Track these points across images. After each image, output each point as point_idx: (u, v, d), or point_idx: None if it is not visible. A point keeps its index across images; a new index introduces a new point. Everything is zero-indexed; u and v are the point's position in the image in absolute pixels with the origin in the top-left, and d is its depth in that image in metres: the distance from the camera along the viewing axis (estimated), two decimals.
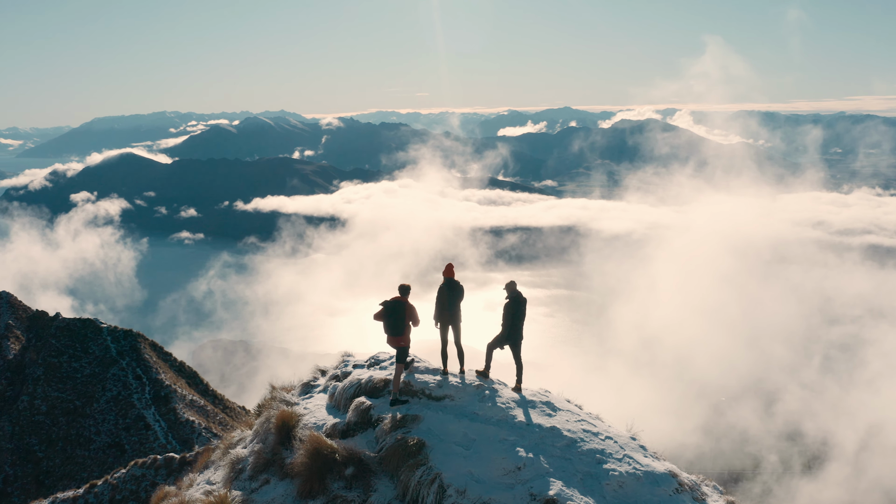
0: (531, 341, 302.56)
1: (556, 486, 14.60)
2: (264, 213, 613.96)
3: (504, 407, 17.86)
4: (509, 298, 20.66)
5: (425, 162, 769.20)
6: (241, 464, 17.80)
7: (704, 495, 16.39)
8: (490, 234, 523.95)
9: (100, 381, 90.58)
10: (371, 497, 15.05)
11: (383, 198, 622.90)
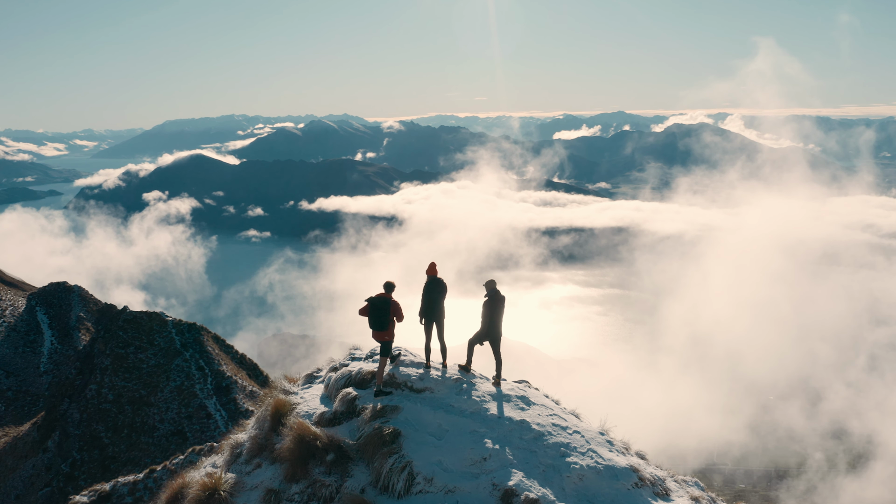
0: (585, 339, 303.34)
1: (516, 476, 14.83)
2: (328, 212, 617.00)
3: (479, 400, 18.02)
4: (488, 296, 20.81)
5: (483, 164, 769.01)
6: (239, 448, 18.26)
7: (668, 490, 16.45)
8: (545, 234, 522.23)
9: (164, 372, 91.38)
10: (347, 482, 15.34)
11: (442, 198, 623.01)
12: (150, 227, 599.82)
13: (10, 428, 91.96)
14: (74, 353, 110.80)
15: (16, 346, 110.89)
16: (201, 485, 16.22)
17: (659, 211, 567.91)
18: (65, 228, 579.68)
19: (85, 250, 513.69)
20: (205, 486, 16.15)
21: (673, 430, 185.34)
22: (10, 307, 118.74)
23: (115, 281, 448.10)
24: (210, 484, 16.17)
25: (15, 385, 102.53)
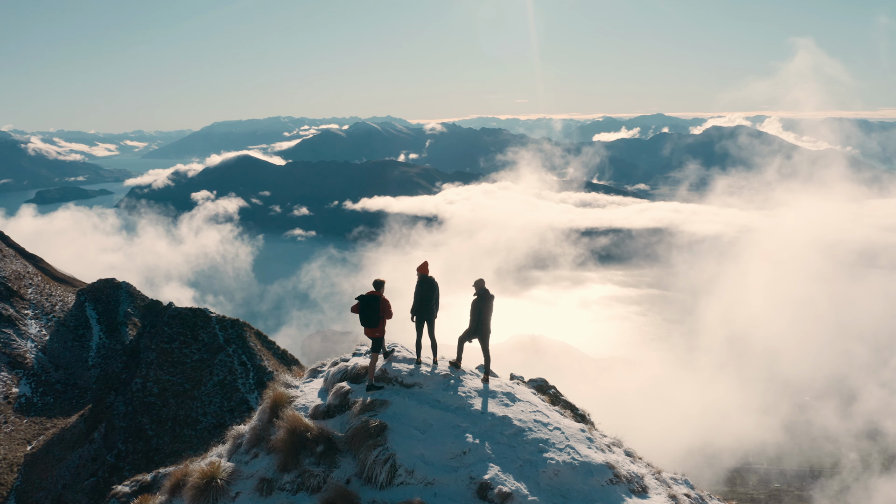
0: (622, 338, 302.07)
1: (493, 470, 15.06)
2: (371, 212, 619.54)
3: (464, 396, 18.19)
4: (477, 295, 20.61)
5: (523, 165, 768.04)
6: (240, 439, 18.64)
7: (645, 487, 16.57)
8: (585, 235, 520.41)
9: (207, 367, 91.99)
10: (334, 472, 15.73)
11: (482, 199, 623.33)
12: (199, 225, 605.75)
13: (59, 419, 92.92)
14: (121, 348, 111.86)
15: (65, 340, 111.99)
16: (201, 473, 16.65)
17: (697, 212, 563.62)
18: (116, 227, 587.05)
19: (135, 248, 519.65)
20: (204, 473, 16.60)
21: (708, 429, 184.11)
22: (59, 303, 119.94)
23: (165, 278, 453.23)
24: (209, 472, 16.61)
25: (64, 378, 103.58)
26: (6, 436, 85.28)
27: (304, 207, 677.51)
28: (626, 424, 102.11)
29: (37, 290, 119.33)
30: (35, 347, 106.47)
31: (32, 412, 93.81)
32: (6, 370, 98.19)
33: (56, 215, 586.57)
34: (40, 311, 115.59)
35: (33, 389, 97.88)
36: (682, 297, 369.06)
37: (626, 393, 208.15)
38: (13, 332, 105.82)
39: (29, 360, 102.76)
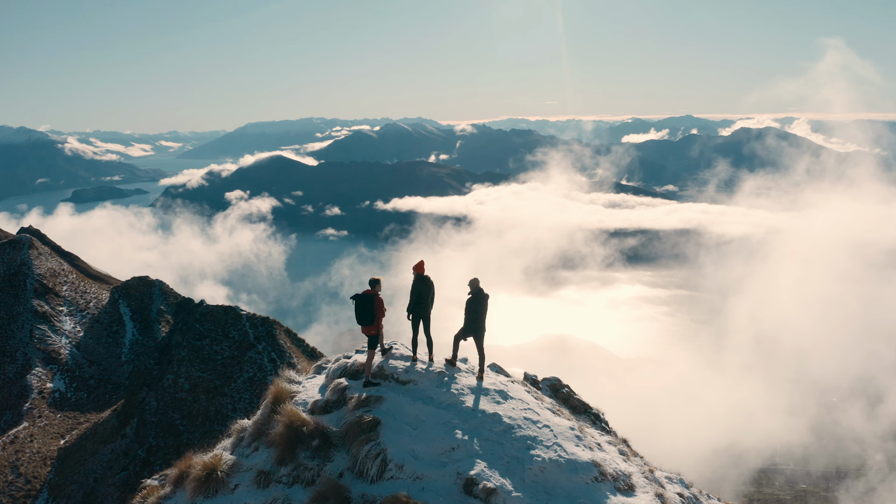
0: (650, 338, 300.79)
1: (479, 466, 15.24)
2: (402, 212, 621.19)
3: (456, 393, 18.29)
4: (471, 294, 20.75)
5: (552, 166, 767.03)
6: (243, 433, 19.10)
7: (632, 486, 16.57)
8: (614, 235, 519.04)
9: (238, 364, 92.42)
10: (327, 466, 16.02)
11: (512, 199, 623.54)
12: (233, 225, 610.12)
13: (92, 414, 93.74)
14: (154, 344, 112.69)
15: (99, 336, 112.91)
16: (203, 464, 17.04)
17: (726, 213, 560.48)
18: (152, 226, 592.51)
19: (170, 247, 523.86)
20: (205, 465, 16.99)
21: (735, 429, 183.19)
22: (94, 300, 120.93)
23: (199, 276, 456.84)
24: (210, 464, 17.00)
25: (97, 374, 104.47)
26: (40, 430, 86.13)
27: (336, 207, 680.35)
28: (653, 423, 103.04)
29: (72, 288, 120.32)
30: (69, 343, 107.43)
31: (66, 407, 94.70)
32: (41, 366, 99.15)
33: (93, 214, 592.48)
34: (75, 307, 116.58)
35: (67, 385, 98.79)
36: (711, 297, 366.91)
37: (653, 392, 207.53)
38: (48, 328, 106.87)
39: (63, 356, 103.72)
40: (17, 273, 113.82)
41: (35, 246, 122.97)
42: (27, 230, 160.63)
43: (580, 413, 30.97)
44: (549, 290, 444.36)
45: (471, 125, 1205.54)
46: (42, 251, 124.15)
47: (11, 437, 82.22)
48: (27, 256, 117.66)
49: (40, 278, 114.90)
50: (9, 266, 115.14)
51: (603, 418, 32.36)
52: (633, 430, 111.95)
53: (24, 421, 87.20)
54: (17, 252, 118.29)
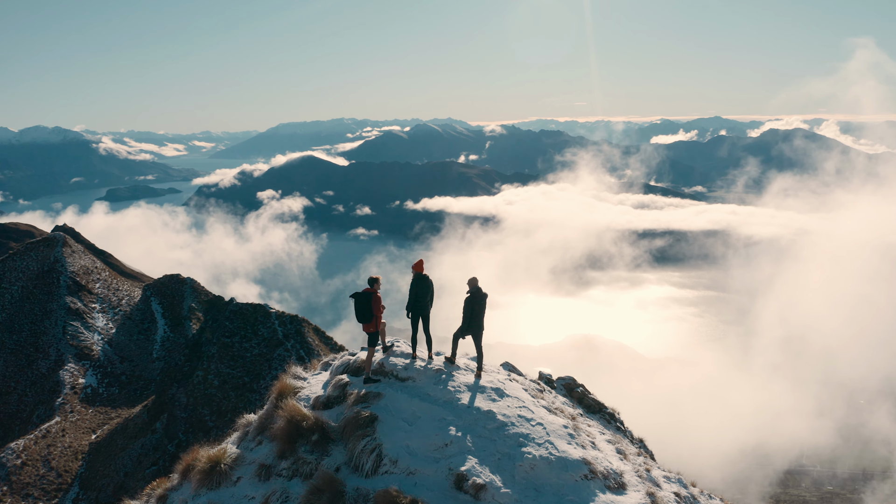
0: (678, 339, 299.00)
1: (470, 462, 15.40)
2: (432, 212, 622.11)
3: (453, 390, 18.45)
4: (469, 293, 20.70)
5: (581, 167, 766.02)
6: (248, 427, 19.24)
7: (623, 484, 16.63)
8: (642, 236, 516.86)
9: (266, 361, 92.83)
10: (325, 460, 16.19)
11: (541, 200, 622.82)
12: (265, 224, 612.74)
13: (123, 410, 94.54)
14: (185, 341, 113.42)
15: (131, 333, 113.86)
16: (208, 457, 17.43)
17: (754, 214, 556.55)
18: (186, 224, 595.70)
19: (203, 245, 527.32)
20: (210, 458, 17.36)
21: (762, 429, 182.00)
22: (126, 297, 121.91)
23: (232, 275, 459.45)
24: (214, 457, 17.37)
25: (129, 370, 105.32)
26: (72, 424, 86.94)
27: (367, 207, 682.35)
28: (679, 423, 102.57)
29: (104, 285, 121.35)
30: (101, 340, 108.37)
31: (98, 402, 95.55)
32: (73, 362, 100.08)
33: (127, 213, 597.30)
34: (107, 304, 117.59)
35: (99, 380, 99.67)
36: (739, 298, 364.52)
37: (680, 392, 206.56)
38: (81, 324, 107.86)
39: (95, 353, 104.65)
40: (50, 270, 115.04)
41: (68, 244, 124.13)
42: (61, 228, 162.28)
43: (595, 412, 30.85)
44: (578, 290, 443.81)
45: (500, 126, 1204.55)
46: (75, 249, 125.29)
47: (44, 431, 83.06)
48: (60, 254, 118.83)
49: (73, 276, 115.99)
50: (42, 263, 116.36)
51: (618, 418, 32.19)
52: (659, 430, 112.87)
53: (57, 416, 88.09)
54: (50, 250, 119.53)
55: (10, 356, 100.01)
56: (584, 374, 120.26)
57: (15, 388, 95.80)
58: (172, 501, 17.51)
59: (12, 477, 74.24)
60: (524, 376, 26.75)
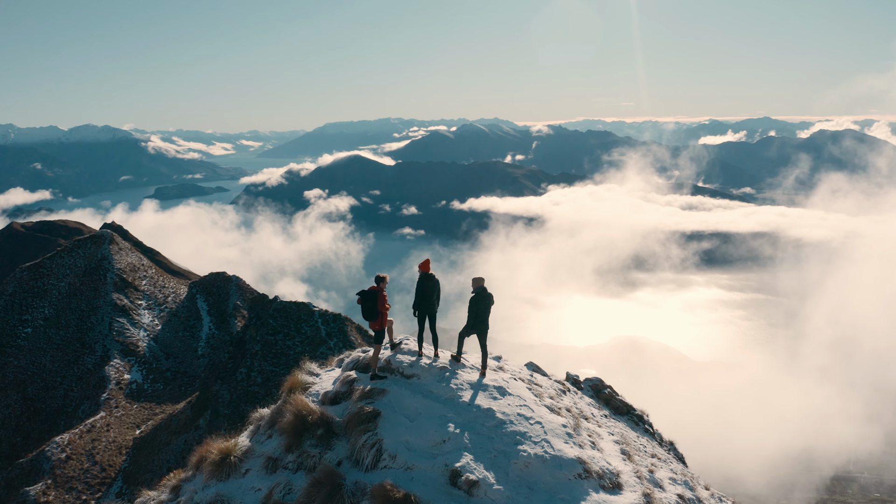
0: (725, 342, 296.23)
1: (465, 459, 15.59)
2: (478, 212, 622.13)
3: (455, 388, 18.62)
4: (474, 293, 20.84)
5: (628, 168, 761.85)
6: (261, 421, 19.76)
7: (619, 484, 16.63)
8: (690, 238, 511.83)
9: (309, 359, 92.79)
10: (327, 454, 16.55)
11: (588, 200, 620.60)
12: (312, 223, 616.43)
13: (167, 406, 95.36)
14: (229, 339, 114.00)
15: (176, 330, 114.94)
16: (219, 449, 17.93)
17: (804, 216, 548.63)
18: (234, 223, 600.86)
19: (251, 244, 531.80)
20: (221, 450, 17.90)
21: (808, 434, 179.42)
22: (172, 294, 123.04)
23: (279, 274, 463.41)
24: (225, 449, 17.92)
25: (173, 366, 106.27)
26: (117, 420, 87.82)
27: (413, 207, 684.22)
28: (723, 425, 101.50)
29: (150, 282, 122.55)
30: (147, 336, 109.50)
31: (142, 398, 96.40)
32: (119, 357, 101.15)
33: (177, 211, 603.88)
34: (153, 301, 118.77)
35: (144, 376, 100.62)
36: (788, 301, 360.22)
37: (726, 395, 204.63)
38: (127, 321, 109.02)
39: (141, 349, 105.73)
40: (97, 267, 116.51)
41: (115, 241, 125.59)
42: (109, 226, 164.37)
43: (622, 414, 30.60)
44: (625, 291, 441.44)
45: (547, 126, 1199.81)
46: (122, 246, 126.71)
47: (89, 426, 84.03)
48: (108, 251, 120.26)
49: (120, 273, 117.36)
50: (90, 260, 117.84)
51: (647, 420, 31.88)
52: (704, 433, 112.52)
53: (102, 411, 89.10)
54: (98, 247, 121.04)
55: (57, 352, 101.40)
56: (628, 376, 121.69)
57: (61, 382, 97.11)
58: (185, 492, 17.94)
59: (57, 470, 75.19)
60: (548, 376, 26.73)
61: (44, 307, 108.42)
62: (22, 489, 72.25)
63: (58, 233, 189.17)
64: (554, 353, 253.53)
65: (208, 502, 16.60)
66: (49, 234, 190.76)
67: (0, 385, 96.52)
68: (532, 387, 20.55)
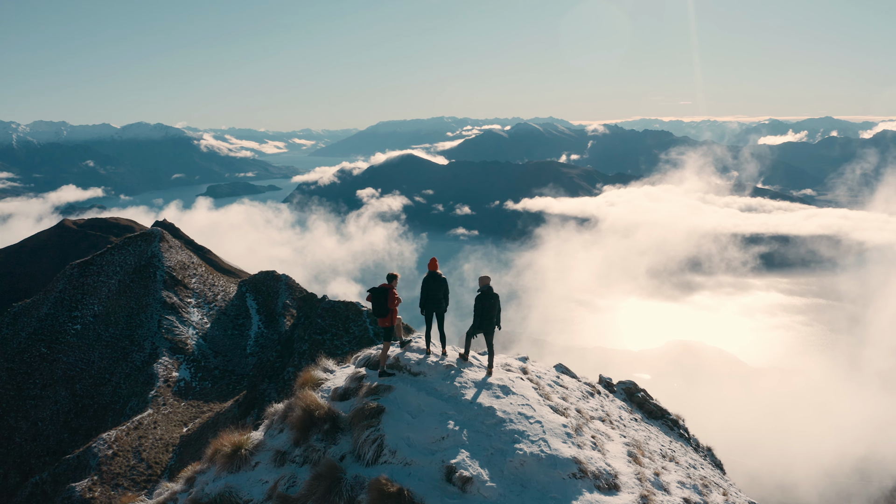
0: (784, 347, 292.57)
1: (461, 456, 15.98)
2: (532, 212, 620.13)
3: (458, 386, 19.03)
4: (480, 291, 21.30)
5: (686, 168, 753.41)
6: (275, 416, 20.54)
7: (616, 485, 16.75)
8: (749, 240, 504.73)
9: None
10: (331, 449, 17.12)
11: (644, 201, 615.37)
12: (366, 223, 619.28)
13: (215, 404, 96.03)
14: (277, 338, 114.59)
15: (225, 328, 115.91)
16: (231, 442, 18.80)
17: (867, 219, 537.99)
18: (288, 222, 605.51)
19: (305, 243, 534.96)
20: (233, 443, 18.77)
21: (868, 442, 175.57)
22: (221, 292, 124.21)
23: (332, 273, 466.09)
24: (237, 442, 18.76)
25: (222, 365, 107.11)
26: (164, 417, 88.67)
27: (467, 206, 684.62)
28: (778, 432, 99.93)
29: (200, 280, 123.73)
30: (196, 334, 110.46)
31: (190, 396, 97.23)
32: (168, 355, 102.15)
33: (230, 209, 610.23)
34: (202, 299, 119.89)
35: (192, 374, 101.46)
36: (850, 306, 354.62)
37: (782, 401, 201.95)
38: (176, 318, 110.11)
39: (190, 347, 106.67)
40: (147, 265, 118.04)
41: (166, 239, 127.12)
42: (161, 224, 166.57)
43: (656, 418, 30.49)
44: (681, 294, 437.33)
45: (603, 125, 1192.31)
46: (172, 244, 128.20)
47: (136, 423, 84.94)
48: (158, 249, 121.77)
49: (170, 270, 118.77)
50: (140, 258, 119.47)
51: (682, 425, 31.74)
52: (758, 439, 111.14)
53: (149, 408, 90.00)
54: (147, 244, 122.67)
55: (106, 349, 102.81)
56: (682, 380, 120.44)
57: (110, 379, 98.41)
58: (198, 483, 18.74)
59: (103, 467, 76.09)
60: (577, 378, 26.77)
61: (93, 304, 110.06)
62: (68, 485, 73.18)
63: (109, 230, 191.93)
64: (606, 357, 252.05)
65: (217, 493, 17.14)
66: (100, 232, 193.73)
67: (49, 381, 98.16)
68: (539, 387, 20.63)
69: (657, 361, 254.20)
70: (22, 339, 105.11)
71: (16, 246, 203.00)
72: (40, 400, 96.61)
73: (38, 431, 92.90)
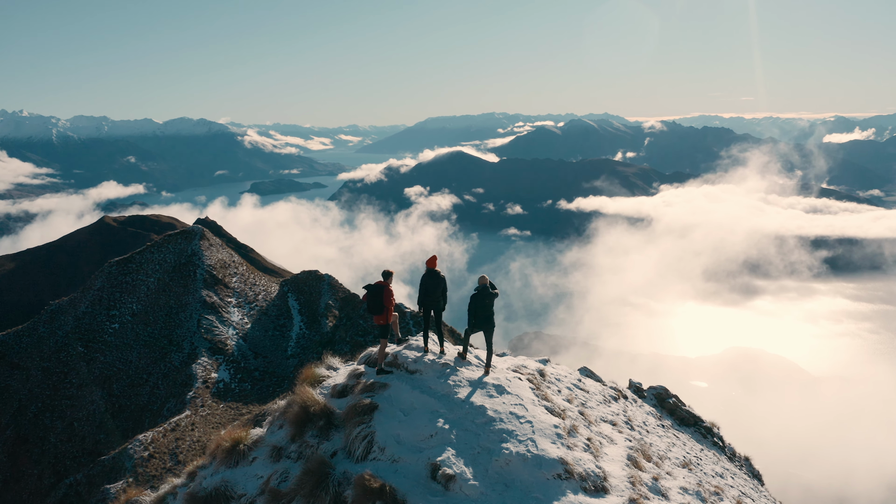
0: (848, 356, 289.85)
1: (447, 454, 16.24)
2: (586, 212, 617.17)
3: (452, 385, 19.35)
4: (477, 290, 21.54)
5: (747, 167, 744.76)
6: (277, 412, 20.89)
7: (604, 488, 16.77)
8: (814, 243, 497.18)
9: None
10: (324, 445, 17.62)
11: (703, 201, 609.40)
12: (414, 223, 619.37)
13: (254, 406, 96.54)
14: (319, 338, 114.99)
15: (266, 329, 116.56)
16: (231, 438, 19.41)
17: None
18: (335, 221, 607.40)
19: (351, 242, 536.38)
20: (233, 439, 19.38)
21: None
22: (262, 292, 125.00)
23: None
24: (236, 437, 19.37)
25: (262, 366, 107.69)
26: (202, 419, 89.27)
27: (518, 206, 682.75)
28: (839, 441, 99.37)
29: (241, 279, 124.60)
30: (236, 335, 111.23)
31: (229, 397, 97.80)
32: (207, 355, 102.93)
33: (277, 206, 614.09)
34: (243, 299, 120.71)
35: (231, 375, 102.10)
36: None
37: (844, 410, 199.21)
38: (216, 318, 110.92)
39: (229, 347, 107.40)
40: (187, 263, 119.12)
41: (206, 237, 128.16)
42: (202, 221, 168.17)
43: (688, 425, 30.39)
44: (742, 299, 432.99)
45: (660, 122, 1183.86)
46: (213, 242, 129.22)
47: (173, 424, 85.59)
48: (198, 247, 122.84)
49: (210, 269, 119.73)
50: (180, 256, 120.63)
51: (716, 432, 31.59)
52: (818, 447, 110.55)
53: (187, 409, 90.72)
54: (188, 242, 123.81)
55: (144, 348, 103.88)
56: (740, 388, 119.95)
57: (147, 379, 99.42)
58: (198, 477, 19.41)
59: (139, 469, 76.85)
60: (602, 382, 26.79)
61: (132, 303, 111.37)
62: (102, 487, 73.94)
63: (149, 227, 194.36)
64: (658, 363, 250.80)
65: (213, 487, 17.76)
66: (140, 229, 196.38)
67: (85, 381, 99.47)
68: (537, 387, 20.65)
69: (715, 368, 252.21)
70: (59, 338, 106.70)
71: (55, 243, 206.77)
72: (76, 400, 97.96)
73: (74, 432, 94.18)
